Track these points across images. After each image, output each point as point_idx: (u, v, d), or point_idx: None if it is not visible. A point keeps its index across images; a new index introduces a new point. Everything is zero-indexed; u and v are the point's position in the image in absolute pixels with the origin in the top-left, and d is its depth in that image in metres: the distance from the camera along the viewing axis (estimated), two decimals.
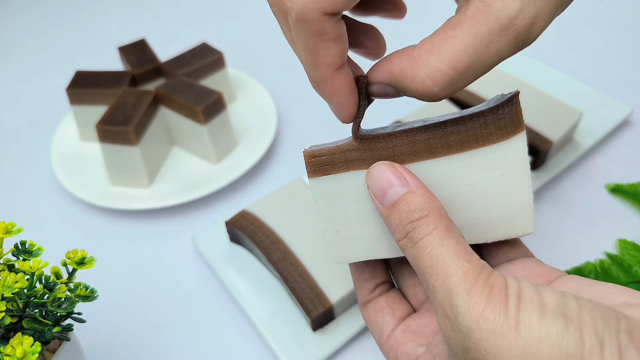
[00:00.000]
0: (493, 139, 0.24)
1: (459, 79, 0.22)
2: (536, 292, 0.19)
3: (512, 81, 0.54)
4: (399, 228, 0.23)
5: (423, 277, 0.21)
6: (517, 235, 0.25)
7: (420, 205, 0.22)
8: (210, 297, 0.44)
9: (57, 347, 0.30)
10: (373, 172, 0.24)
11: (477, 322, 0.19)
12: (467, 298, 0.19)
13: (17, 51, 0.76)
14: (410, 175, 0.23)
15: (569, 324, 0.18)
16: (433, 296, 0.21)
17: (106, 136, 0.48)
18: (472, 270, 0.20)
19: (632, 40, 0.69)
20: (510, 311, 0.19)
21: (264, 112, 0.58)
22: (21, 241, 0.30)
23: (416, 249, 0.22)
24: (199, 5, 0.83)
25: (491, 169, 0.24)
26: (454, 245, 0.21)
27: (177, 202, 0.49)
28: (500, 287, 0.20)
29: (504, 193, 0.24)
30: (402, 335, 0.26)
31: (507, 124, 0.23)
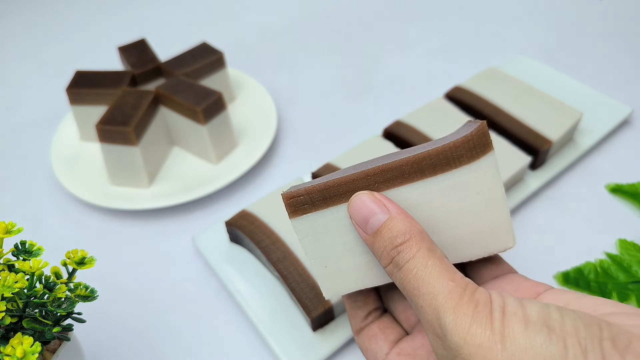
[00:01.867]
0: (464, 161, 0.25)
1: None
2: (519, 305, 0.20)
3: (512, 81, 0.54)
4: (384, 254, 0.23)
5: (411, 299, 0.22)
6: (499, 250, 0.26)
7: (402, 230, 0.23)
8: (210, 297, 0.44)
9: (57, 347, 0.30)
10: (354, 203, 0.25)
11: (464, 339, 0.20)
12: (453, 316, 0.20)
13: (17, 51, 0.76)
14: (389, 202, 0.24)
15: (551, 334, 0.19)
16: (422, 317, 0.22)
17: (106, 136, 0.48)
18: (456, 289, 0.21)
19: (632, 40, 0.69)
20: (495, 325, 0.19)
21: (264, 112, 0.58)
22: (21, 241, 0.30)
23: (402, 272, 0.22)
24: (199, 5, 0.83)
25: (465, 189, 0.25)
26: (438, 266, 0.22)
27: (177, 202, 0.49)
28: (485, 303, 0.20)
29: (480, 211, 0.25)
30: (397, 358, 0.27)
31: (476, 145, 0.25)
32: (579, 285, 0.42)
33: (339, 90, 0.64)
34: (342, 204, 0.25)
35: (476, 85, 0.54)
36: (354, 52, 0.70)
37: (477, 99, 0.53)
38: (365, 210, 0.24)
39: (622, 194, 0.49)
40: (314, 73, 0.67)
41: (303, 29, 0.75)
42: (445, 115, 0.51)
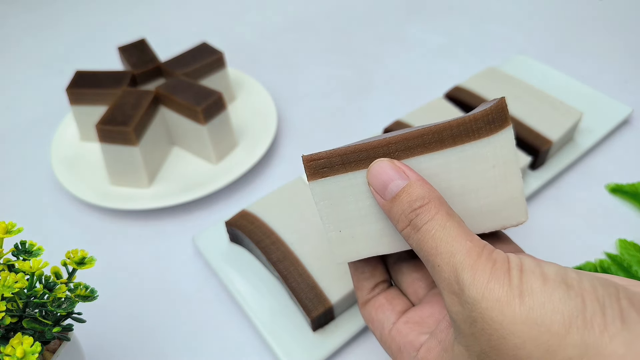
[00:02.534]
0: (483, 133, 0.25)
1: None
2: (537, 265, 0.21)
3: (512, 81, 0.54)
4: (402, 217, 0.24)
5: (428, 260, 0.23)
6: (511, 225, 0.27)
7: (421, 195, 0.23)
8: (210, 297, 0.44)
9: (57, 347, 0.30)
10: (373, 169, 0.25)
11: (482, 293, 0.20)
12: (471, 272, 0.21)
13: (17, 51, 0.76)
14: (408, 169, 0.25)
15: (570, 290, 0.19)
16: (439, 275, 0.22)
17: (106, 136, 0.48)
18: (474, 248, 0.21)
19: (632, 40, 0.69)
20: (514, 281, 0.20)
21: (264, 112, 0.58)
22: (21, 241, 0.30)
23: (420, 234, 0.23)
24: (199, 5, 0.83)
25: (482, 161, 0.26)
26: (456, 228, 0.22)
27: (177, 202, 0.49)
28: (502, 261, 0.21)
29: (496, 184, 0.26)
30: (405, 327, 0.27)
31: (495, 119, 0.25)
32: None
33: (339, 90, 0.64)
34: (360, 170, 0.26)
35: (476, 85, 0.54)
36: (354, 52, 0.70)
37: (477, 99, 0.53)
38: (384, 176, 0.24)
39: (622, 194, 0.49)
40: (314, 73, 0.67)
41: (303, 29, 0.75)
42: (445, 115, 0.51)
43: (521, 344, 0.19)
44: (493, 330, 0.20)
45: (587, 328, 0.18)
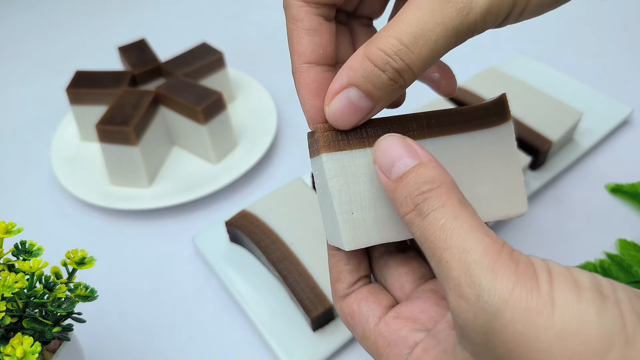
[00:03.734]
0: (492, 123, 0.26)
1: (408, 50, 0.21)
2: (567, 270, 0.18)
3: (512, 81, 0.54)
4: (407, 200, 0.21)
5: (434, 253, 0.19)
6: (513, 215, 0.27)
7: (431, 177, 0.20)
8: (210, 297, 0.44)
9: (57, 347, 0.30)
10: (382, 144, 0.23)
11: (507, 302, 0.17)
12: (492, 275, 0.18)
13: (17, 51, 0.76)
14: (421, 148, 0.22)
15: (607, 301, 0.17)
16: (445, 273, 0.19)
17: (106, 136, 0.48)
18: (493, 245, 0.18)
19: (632, 40, 0.69)
20: (543, 287, 0.17)
21: (264, 112, 0.58)
22: (21, 241, 0.30)
23: (426, 222, 0.20)
24: (199, 5, 0.83)
25: (488, 150, 0.26)
26: (471, 219, 0.19)
27: (177, 202, 0.49)
28: (527, 264, 0.18)
29: (498, 174, 0.26)
30: (395, 321, 0.24)
31: (499, 113, 0.26)
32: None
33: None
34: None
35: (476, 85, 0.54)
36: None
37: (477, 99, 0.53)
38: (393, 153, 0.22)
39: (622, 194, 0.49)
40: None
41: None
42: None
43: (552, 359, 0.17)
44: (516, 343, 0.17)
45: (629, 345, 0.16)
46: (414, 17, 0.21)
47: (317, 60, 0.24)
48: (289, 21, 0.24)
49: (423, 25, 0.20)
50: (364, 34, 0.29)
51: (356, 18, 0.29)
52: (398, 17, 0.21)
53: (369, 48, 0.21)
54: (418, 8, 0.21)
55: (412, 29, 0.21)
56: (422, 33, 0.21)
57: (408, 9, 0.21)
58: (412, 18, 0.21)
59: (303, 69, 0.24)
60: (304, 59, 0.24)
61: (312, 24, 0.24)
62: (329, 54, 0.25)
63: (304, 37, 0.24)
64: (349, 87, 0.22)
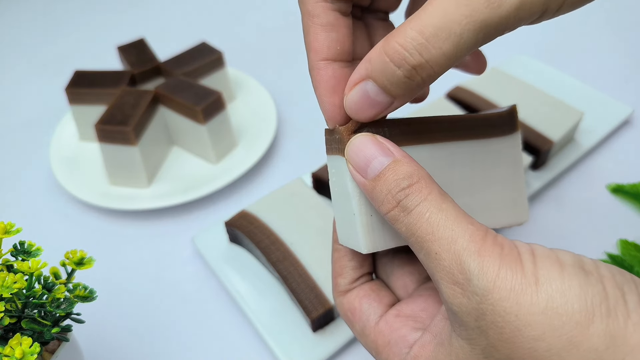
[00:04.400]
0: (499, 133, 0.27)
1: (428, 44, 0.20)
2: (550, 250, 0.19)
3: (513, 81, 0.54)
4: (388, 198, 0.21)
5: (422, 247, 0.20)
6: (514, 223, 0.27)
7: (408, 172, 0.21)
8: (210, 298, 0.43)
9: (56, 347, 0.30)
10: (353, 144, 0.23)
11: (494, 282, 0.18)
12: (479, 259, 0.19)
13: (17, 51, 0.76)
14: (393, 146, 0.22)
15: (589, 276, 0.18)
16: (436, 264, 0.20)
17: (105, 136, 0.48)
18: (477, 232, 0.19)
19: (633, 39, 0.69)
20: (527, 267, 0.18)
21: (264, 112, 0.58)
22: (20, 241, 0.30)
23: (411, 217, 0.20)
24: (199, 5, 0.83)
25: (496, 158, 0.27)
26: (453, 209, 0.20)
27: (177, 202, 0.49)
28: (511, 247, 0.19)
29: (504, 182, 0.27)
30: (395, 320, 0.25)
31: (507, 123, 0.27)
32: None
33: None
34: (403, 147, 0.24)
35: (477, 85, 0.54)
36: None
37: (478, 98, 0.53)
38: (367, 152, 0.22)
39: (623, 194, 0.49)
40: None
41: None
42: None
43: (540, 335, 0.17)
44: (506, 322, 0.18)
45: (611, 316, 0.17)
46: (438, 8, 0.19)
47: (335, 57, 0.24)
48: (305, 17, 0.23)
49: (448, 17, 0.19)
50: (380, 28, 0.28)
51: (372, 12, 0.28)
52: (422, 8, 0.20)
53: (388, 42, 0.21)
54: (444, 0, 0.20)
55: (434, 21, 0.19)
56: (446, 26, 0.19)
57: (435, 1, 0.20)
58: (437, 9, 0.20)
59: (320, 66, 0.23)
60: (321, 55, 0.23)
61: (328, 20, 0.23)
62: (346, 50, 0.24)
63: (321, 33, 0.23)
64: (367, 79, 0.22)
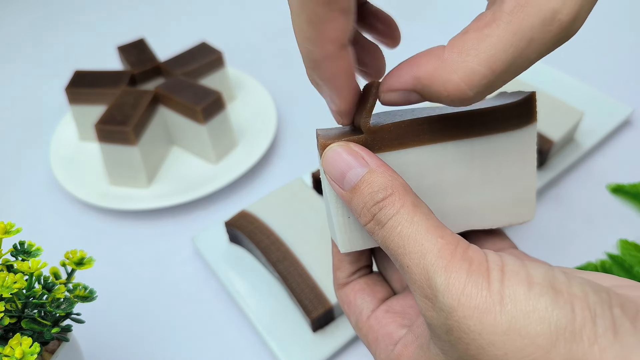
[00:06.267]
0: (510, 126, 0.24)
1: (496, 80, 0.20)
2: (521, 266, 0.18)
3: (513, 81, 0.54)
4: (364, 211, 0.21)
5: (396, 259, 0.20)
6: (518, 222, 0.26)
7: (383, 184, 0.21)
8: (210, 298, 0.43)
9: (56, 347, 0.30)
10: (329, 155, 0.23)
11: (458, 300, 0.18)
12: (445, 275, 0.18)
13: (17, 51, 0.76)
14: (368, 154, 0.22)
15: (558, 296, 0.17)
16: (409, 277, 0.20)
17: (105, 136, 0.48)
18: (447, 246, 0.19)
19: (633, 39, 0.69)
20: (494, 285, 0.18)
21: (264, 112, 0.58)
22: (20, 241, 0.30)
23: (385, 230, 0.21)
24: (199, 5, 0.83)
25: (503, 155, 0.25)
26: (425, 222, 0.20)
27: (177, 202, 0.49)
28: (480, 261, 0.19)
29: (512, 180, 0.25)
30: (384, 316, 0.25)
31: (523, 114, 0.25)
32: None
33: None
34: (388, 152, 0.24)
35: None
36: None
37: None
38: (341, 164, 0.22)
39: (623, 194, 0.49)
40: None
41: None
42: None
43: (502, 356, 0.17)
44: (471, 339, 0.18)
45: (576, 340, 0.17)
46: (510, 44, 0.19)
47: (349, 39, 0.22)
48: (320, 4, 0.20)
49: (519, 54, 0.19)
50: None
51: None
52: (486, 37, 0.20)
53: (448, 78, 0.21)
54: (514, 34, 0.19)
55: (506, 59, 0.19)
56: (515, 63, 0.19)
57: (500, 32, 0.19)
58: (508, 45, 0.19)
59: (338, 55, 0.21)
60: (340, 43, 0.21)
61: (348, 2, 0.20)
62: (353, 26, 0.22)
63: (340, 19, 0.20)
64: (411, 90, 0.22)
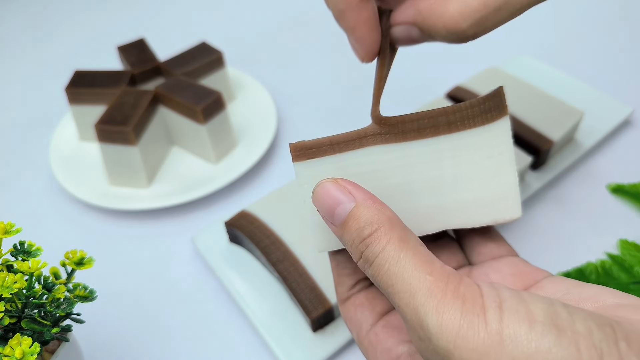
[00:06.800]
0: (479, 121, 0.24)
1: (489, 16, 0.20)
2: (520, 301, 0.18)
3: (513, 81, 0.54)
4: (353, 248, 0.21)
5: (388, 297, 0.20)
6: (504, 220, 0.25)
7: (369, 220, 0.21)
8: (210, 298, 0.43)
9: (56, 347, 0.30)
10: (317, 193, 0.23)
11: (454, 342, 0.17)
12: (437, 316, 0.17)
13: (17, 51, 0.76)
14: (355, 188, 0.22)
15: (562, 336, 0.16)
16: (402, 316, 0.19)
17: (105, 136, 0.48)
18: (436, 283, 0.18)
19: (633, 39, 0.69)
20: (492, 325, 0.17)
21: (263, 111, 0.58)
22: (20, 241, 0.30)
23: (373, 269, 0.20)
24: (199, 5, 0.83)
25: (477, 151, 0.25)
26: (412, 257, 0.19)
27: (177, 202, 0.49)
28: (474, 298, 0.18)
29: (490, 176, 0.25)
30: (383, 331, 0.25)
31: (492, 108, 0.24)
32: None
33: (339, 90, 0.64)
34: (349, 152, 0.25)
35: (477, 85, 0.54)
36: None
37: None
38: (329, 201, 0.22)
39: (624, 194, 0.49)
40: (314, 72, 0.67)
41: (303, 28, 0.75)
42: None
43: None
44: None
45: None
46: None
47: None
48: None
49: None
50: None
51: None
52: None
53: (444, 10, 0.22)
54: None
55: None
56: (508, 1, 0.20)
57: None
58: None
59: (360, 6, 0.22)
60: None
61: None
62: None
63: None
64: (412, 24, 0.23)
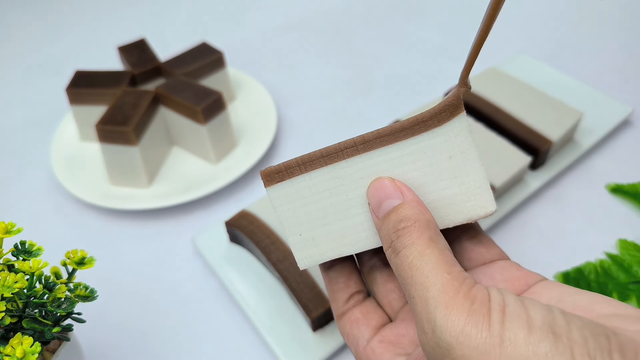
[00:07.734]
0: (431, 124, 0.24)
1: None
2: (522, 307, 0.18)
3: (512, 81, 0.54)
4: (386, 237, 0.23)
5: (405, 288, 0.21)
6: (479, 216, 0.25)
7: (408, 215, 0.22)
8: (210, 298, 0.44)
9: (56, 347, 0.30)
10: (373, 185, 0.25)
11: (457, 338, 0.18)
12: (445, 312, 0.18)
13: (17, 51, 0.76)
14: (407, 190, 0.24)
15: (558, 342, 0.17)
16: (413, 308, 0.20)
17: (106, 136, 0.48)
18: (452, 282, 0.19)
19: (633, 40, 0.69)
20: (494, 327, 0.18)
21: (264, 112, 0.58)
22: (21, 241, 0.30)
23: (398, 258, 0.21)
24: (199, 5, 0.83)
25: (437, 152, 0.25)
26: (436, 257, 0.21)
27: (177, 202, 0.49)
28: (483, 301, 0.19)
29: (455, 175, 0.25)
30: (379, 346, 0.26)
31: (444, 108, 0.24)
32: (580, 286, 0.42)
33: (339, 90, 0.64)
34: (316, 170, 0.25)
35: (476, 85, 0.54)
36: (354, 52, 0.70)
37: (477, 98, 0.53)
38: (381, 193, 0.24)
39: (623, 194, 0.49)
40: (314, 72, 0.67)
41: (303, 29, 0.75)
42: None
43: None
44: None
45: None
46: None
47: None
48: None
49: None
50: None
51: None
52: None
53: None
54: None
55: None
56: None
57: None
58: None
59: None
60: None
61: None
62: None
63: None
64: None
